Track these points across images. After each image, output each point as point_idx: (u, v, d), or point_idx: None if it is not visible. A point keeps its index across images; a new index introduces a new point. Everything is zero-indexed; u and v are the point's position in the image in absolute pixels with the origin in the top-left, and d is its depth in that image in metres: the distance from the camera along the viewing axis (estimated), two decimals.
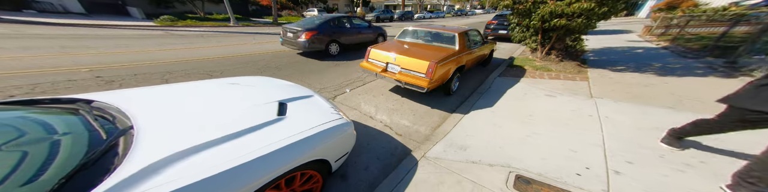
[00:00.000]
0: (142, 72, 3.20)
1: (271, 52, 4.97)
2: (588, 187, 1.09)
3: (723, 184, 1.03)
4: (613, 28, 8.08)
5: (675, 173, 1.15)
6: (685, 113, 1.75)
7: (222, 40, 6.48)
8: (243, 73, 3.34)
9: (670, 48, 4.23)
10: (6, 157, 0.55)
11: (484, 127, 1.71)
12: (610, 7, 2.48)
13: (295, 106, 1.14)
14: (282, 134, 0.87)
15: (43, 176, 0.54)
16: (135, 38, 5.97)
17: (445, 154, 1.41)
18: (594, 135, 1.53)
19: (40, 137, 0.65)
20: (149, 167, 0.62)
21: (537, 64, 3.46)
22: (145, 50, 4.60)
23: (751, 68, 2.56)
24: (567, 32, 3.16)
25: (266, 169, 0.74)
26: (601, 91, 2.34)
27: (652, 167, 1.20)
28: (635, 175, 1.15)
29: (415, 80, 1.99)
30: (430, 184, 1.17)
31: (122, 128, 0.77)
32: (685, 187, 1.06)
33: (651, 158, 1.27)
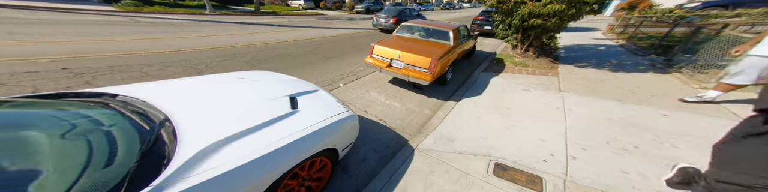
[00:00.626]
0: (116, 64, 2.71)
1: (258, 44, 4.43)
2: (551, 171, 1.26)
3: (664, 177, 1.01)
4: (582, 26, 8.43)
5: (615, 157, 1.36)
6: (633, 106, 2.00)
7: (199, 29, 5.56)
8: (231, 66, 2.99)
9: (626, 46, 4.60)
10: (75, 145, 0.60)
11: (470, 120, 1.80)
12: (578, 9, 2.61)
13: (304, 100, 1.19)
14: (299, 126, 0.94)
15: (116, 161, 0.60)
16: (96, 25, 4.91)
17: (436, 146, 1.49)
18: (559, 125, 1.71)
19: (92, 128, 0.69)
20: (199, 154, 0.68)
21: (516, 60, 3.57)
22: (113, 39, 3.85)
23: (680, 66, 2.93)
24: (543, 31, 3.25)
25: (291, 156, 0.84)
26: (568, 85, 2.54)
27: (600, 152, 1.40)
28: (587, 159, 1.35)
29: (419, 75, 2.12)
30: (423, 173, 1.25)
31: (159, 120, 0.81)
32: (620, 167, 1.27)
33: (600, 145, 1.47)
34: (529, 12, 2.83)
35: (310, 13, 14.49)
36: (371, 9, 15.95)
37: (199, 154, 0.68)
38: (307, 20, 10.00)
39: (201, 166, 0.65)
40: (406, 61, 2.16)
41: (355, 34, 6.40)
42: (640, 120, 1.74)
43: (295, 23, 8.46)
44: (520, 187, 1.15)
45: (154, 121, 0.79)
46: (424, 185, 1.16)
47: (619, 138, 1.53)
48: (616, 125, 1.68)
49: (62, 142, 0.59)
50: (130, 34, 4.29)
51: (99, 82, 2.20)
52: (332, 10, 18.81)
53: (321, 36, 5.86)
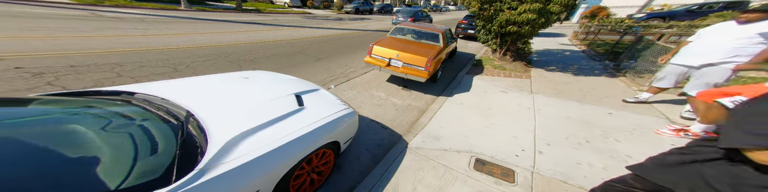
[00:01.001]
0: (82, 63, 2.43)
1: (243, 44, 4.17)
2: (522, 164, 1.42)
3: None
4: (553, 31, 9.10)
5: (571, 150, 1.57)
6: (589, 106, 2.28)
7: (176, 27, 5.04)
8: (214, 67, 2.81)
9: (586, 52, 5.10)
10: (119, 137, 0.68)
11: (454, 120, 1.93)
12: (547, 18, 2.88)
13: (308, 98, 1.28)
14: (306, 121, 1.03)
15: (159, 150, 0.68)
16: (53, 19, 4.27)
17: (424, 144, 1.59)
18: (529, 124, 1.91)
19: (128, 123, 0.75)
20: (227, 144, 0.76)
21: (496, 64, 3.81)
22: (77, 36, 3.39)
23: (625, 71, 3.36)
24: (519, 37, 3.50)
25: (303, 147, 0.93)
26: (538, 87, 2.80)
27: (560, 147, 1.61)
28: (551, 153, 1.54)
29: (417, 73, 2.32)
30: (412, 169, 1.35)
31: (184, 116, 0.87)
32: (575, 159, 1.48)
33: (561, 140, 1.68)
34: (506, 19, 3.03)
35: (297, 11, 13.72)
36: (361, 9, 15.53)
37: (227, 145, 0.76)
38: (294, 19, 9.49)
39: (230, 155, 0.74)
40: (404, 61, 2.35)
41: (346, 35, 6.28)
42: (592, 118, 2.00)
43: (282, 22, 8.01)
44: (496, 180, 1.29)
45: (179, 116, 0.86)
46: (414, 181, 1.26)
47: (575, 134, 1.75)
48: (574, 123, 1.92)
49: (107, 135, 0.66)
50: (94, 30, 3.83)
51: (63, 83, 1.97)
52: (320, 9, 18.03)
53: (310, 36, 5.66)
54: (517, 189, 1.23)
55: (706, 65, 1.79)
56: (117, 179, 0.54)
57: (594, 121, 1.94)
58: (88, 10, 5.98)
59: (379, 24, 9.84)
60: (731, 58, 1.69)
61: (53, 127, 0.64)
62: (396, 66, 2.41)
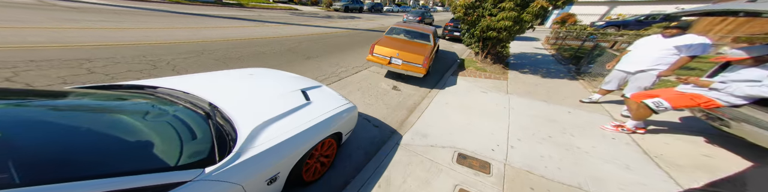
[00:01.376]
0: (44, 58, 2.14)
1: (229, 40, 3.89)
2: (497, 157, 1.60)
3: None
4: (529, 36, 9.70)
5: (536, 145, 1.80)
6: (553, 105, 2.57)
7: (151, 20, 4.53)
8: (197, 64, 2.63)
9: (555, 56, 5.59)
10: (159, 124, 0.77)
11: (440, 119, 2.07)
12: (521, 26, 3.12)
13: (313, 93, 1.38)
14: (315, 114, 1.14)
15: (198, 136, 0.77)
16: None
17: (413, 141, 1.71)
18: (504, 121, 2.11)
19: (162, 112, 0.85)
20: (253, 131, 0.87)
21: (478, 66, 4.04)
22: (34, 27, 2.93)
23: (583, 74, 3.79)
24: (498, 41, 3.74)
25: (313, 137, 1.04)
26: (513, 88, 3.06)
27: (528, 142, 1.82)
28: (521, 147, 1.74)
29: (415, 69, 2.64)
30: (402, 164, 1.45)
31: (209, 107, 0.95)
32: (539, 152, 1.69)
33: (528, 136, 1.91)
34: (487, 25, 3.23)
35: (283, 7, 12.86)
36: (350, 7, 14.96)
37: (253, 132, 0.87)
38: (280, 15, 8.90)
39: (256, 141, 0.85)
40: (403, 59, 2.64)
41: (336, 34, 6.11)
42: (555, 116, 2.28)
43: (267, 18, 7.49)
44: (475, 171, 1.45)
45: (204, 107, 0.94)
46: (404, 174, 1.37)
47: (541, 130, 1.99)
48: (540, 120, 2.17)
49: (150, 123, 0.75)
50: (56, 21, 3.33)
51: (25, 80, 1.74)
52: (307, 5, 17.12)
53: (298, 34, 5.42)
54: (492, 179, 1.40)
55: (639, 71, 2.11)
56: (173, 158, 0.65)
57: (556, 119, 2.20)
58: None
59: (370, 23, 9.66)
60: (656, 65, 2.01)
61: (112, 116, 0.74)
62: (396, 64, 2.69)
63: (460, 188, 1.29)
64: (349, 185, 1.24)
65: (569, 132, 1.99)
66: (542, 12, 3.03)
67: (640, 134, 1.96)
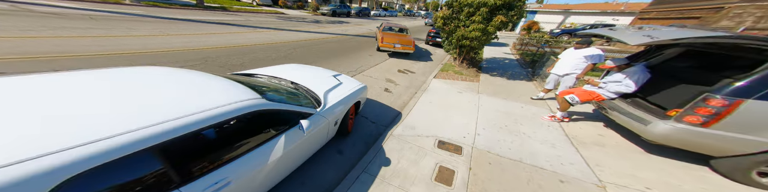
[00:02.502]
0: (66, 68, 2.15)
1: (225, 47, 4.02)
2: (466, 143, 2.10)
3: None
4: (501, 41, 10.75)
5: (496, 132, 2.34)
6: (511, 102, 3.19)
7: (137, 27, 4.38)
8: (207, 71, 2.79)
9: (519, 60, 6.46)
10: (291, 92, 1.50)
11: (425, 114, 2.54)
12: (487, 36, 3.76)
13: (340, 78, 2.15)
14: (346, 89, 1.87)
15: (313, 97, 1.59)
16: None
17: (403, 132, 2.14)
18: (474, 115, 2.65)
19: (284, 86, 1.60)
20: (324, 94, 1.66)
21: (456, 69, 4.63)
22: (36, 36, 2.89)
23: (536, 77, 4.57)
24: (471, 48, 4.37)
25: (349, 101, 1.77)
26: (483, 89, 3.66)
27: (490, 130, 2.36)
28: (484, 134, 2.27)
29: (409, 49, 5.11)
30: (396, 150, 1.88)
31: (291, 83, 1.78)
32: (497, 138, 2.23)
33: (491, 126, 2.45)
34: (461, 34, 3.81)
35: (268, 11, 12.63)
36: (338, 12, 15.07)
37: (324, 95, 1.64)
38: (268, 20, 8.85)
39: (328, 100, 1.61)
40: (402, 43, 5.04)
41: (327, 40, 6.37)
42: (511, 110, 2.88)
43: (256, 23, 7.45)
44: (451, 153, 1.93)
45: (291, 84, 1.76)
46: (398, 156, 1.80)
47: (500, 121, 2.56)
48: (500, 114, 2.75)
49: (291, 89, 1.54)
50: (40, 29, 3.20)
51: None
52: (293, 9, 16.81)
53: (291, 40, 5.61)
54: (463, 158, 1.88)
55: (565, 75, 2.80)
56: (309, 104, 1.41)
57: (511, 112, 2.80)
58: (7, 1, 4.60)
59: (358, 28, 9.95)
60: (575, 70, 2.71)
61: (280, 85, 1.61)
62: (398, 47, 5.07)
63: (440, 165, 1.75)
64: (356, 165, 1.64)
65: (519, 122, 2.58)
66: (502, 25, 3.67)
67: (565, 122, 2.61)
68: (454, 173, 1.66)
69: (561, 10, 16.85)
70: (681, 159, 1.99)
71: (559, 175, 1.73)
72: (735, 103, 1.49)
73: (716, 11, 6.66)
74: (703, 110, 1.58)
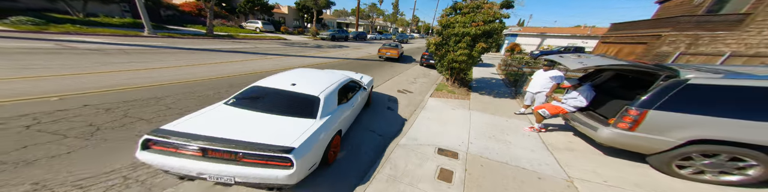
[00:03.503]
0: (127, 99, 3.08)
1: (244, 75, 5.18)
2: (461, 149, 2.82)
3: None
4: (488, 62, 12.94)
5: (485, 141, 3.11)
6: (497, 116, 4.10)
7: (166, 58, 5.60)
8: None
9: (504, 80, 7.93)
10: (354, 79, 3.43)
11: (425, 128, 3.35)
12: (473, 60, 5.13)
13: (360, 75, 4.21)
14: (366, 80, 4.03)
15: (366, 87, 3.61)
16: (31, 54, 4.50)
17: (407, 142, 2.88)
18: (466, 128, 3.47)
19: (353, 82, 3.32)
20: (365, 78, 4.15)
21: (449, 89, 5.80)
22: (91, 72, 3.88)
23: (518, 95, 5.73)
24: (460, 70, 5.73)
25: (369, 85, 3.95)
26: (473, 106, 4.65)
27: (480, 139, 3.13)
28: (476, 143, 3.02)
29: (393, 55, 10.08)
30: (402, 156, 2.57)
31: (362, 83, 3.67)
32: (486, 145, 2.99)
33: (481, 136, 3.23)
34: (451, 58, 5.17)
35: (272, 37, 15.03)
36: (337, 36, 17.86)
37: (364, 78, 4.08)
38: (274, 46, 10.68)
39: (364, 79, 4.00)
40: (390, 53, 9.97)
41: (331, 64, 7.90)
42: (498, 123, 3.74)
43: (264, 50, 9.07)
44: (449, 158, 2.62)
45: (361, 84, 3.56)
46: (405, 161, 2.48)
47: (489, 132, 3.37)
48: (489, 126, 3.59)
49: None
50: (94, 66, 4.27)
51: (135, 115, 2.69)
52: (294, 34, 19.92)
53: (299, 65, 6.99)
54: (459, 161, 2.57)
55: (537, 92, 3.90)
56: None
57: (498, 125, 3.66)
58: (51, 40, 5.93)
59: (358, 52, 12.06)
60: (544, 89, 3.82)
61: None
62: (388, 54, 10.00)
63: (441, 167, 2.43)
64: (371, 168, 2.30)
65: (505, 132, 3.40)
66: (484, 50, 5.09)
67: (543, 132, 3.45)
68: (453, 173, 2.32)
69: (538, 33, 20.76)
70: (630, 159, 2.73)
71: (537, 173, 2.41)
72: (644, 112, 2.37)
73: (657, 38, 8.72)
74: (627, 118, 2.48)
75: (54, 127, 2.24)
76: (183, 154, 1.44)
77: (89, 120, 2.44)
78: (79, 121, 2.39)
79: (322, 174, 2.01)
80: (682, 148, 2.31)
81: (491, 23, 4.48)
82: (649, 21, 9.48)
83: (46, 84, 3.16)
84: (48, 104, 2.62)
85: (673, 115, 2.23)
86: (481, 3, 4.68)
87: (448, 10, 5.05)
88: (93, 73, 3.85)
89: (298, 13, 25.11)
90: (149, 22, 9.13)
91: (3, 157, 1.81)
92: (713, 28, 7.53)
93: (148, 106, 2.97)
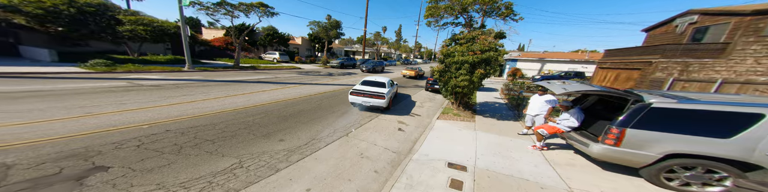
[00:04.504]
0: (200, 124, 4.24)
1: (276, 102, 6.54)
2: (469, 163, 3.46)
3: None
4: (491, 87, 14.56)
5: (491, 157, 3.75)
6: (502, 136, 4.83)
7: (209, 91, 7.17)
8: (271, 121, 4.99)
9: (507, 104, 9.00)
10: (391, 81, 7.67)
11: (435, 146, 4.09)
12: (474, 85, 6.36)
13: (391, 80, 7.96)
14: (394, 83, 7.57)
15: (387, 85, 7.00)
16: (115, 92, 6.05)
17: (420, 158, 3.58)
18: (473, 146, 4.17)
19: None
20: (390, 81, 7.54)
21: (454, 112, 6.79)
22: (167, 104, 5.28)
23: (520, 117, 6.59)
24: (463, 95, 6.94)
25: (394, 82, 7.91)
26: (479, 127, 5.47)
27: (487, 155, 3.78)
28: (482, 158, 3.66)
29: (412, 74, 16.27)
30: (415, 169, 3.23)
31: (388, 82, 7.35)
32: (492, 160, 3.62)
33: (486, 152, 3.89)
34: (454, 84, 6.46)
35: (287, 66, 18.00)
36: (345, 64, 20.75)
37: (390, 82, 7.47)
38: (292, 76, 12.91)
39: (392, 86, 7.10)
40: (411, 73, 16.25)
41: (344, 90, 9.42)
42: (502, 142, 4.44)
43: (284, 79, 11.09)
44: (458, 170, 3.25)
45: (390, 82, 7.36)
46: (420, 173, 3.13)
47: (494, 150, 4.04)
48: (494, 145, 4.28)
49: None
50: (161, 99, 5.70)
51: (202, 137, 3.71)
52: (306, 63, 23.46)
53: (316, 92, 8.50)
54: (468, 174, 3.18)
55: (536, 115, 4.84)
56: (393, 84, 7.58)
57: (503, 144, 4.36)
58: (122, 79, 7.93)
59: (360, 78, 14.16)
60: (541, 111, 4.78)
61: None
62: (409, 73, 16.23)
63: (451, 178, 3.05)
64: (389, 179, 2.96)
65: (509, 150, 4.06)
66: (483, 76, 6.38)
67: (545, 150, 4.09)
68: (463, 183, 2.93)
69: (537, 58, 23.46)
70: (627, 173, 3.27)
71: (540, 184, 2.96)
72: (623, 130, 3.11)
73: (649, 64, 9.77)
74: (611, 135, 3.24)
75: (154, 146, 3.24)
76: (358, 96, 6.04)
77: (173, 141, 3.45)
78: (167, 142, 3.39)
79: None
80: (663, 161, 2.94)
81: (487, 52, 5.65)
82: (640, 48, 10.53)
83: (137, 115, 4.42)
84: (142, 130, 3.73)
85: (647, 132, 2.89)
86: (477, 34, 6.11)
87: (447, 41, 6.63)
88: (161, 105, 5.20)
89: (310, 43, 29.84)
90: (191, 58, 11.89)
91: (133, 166, 2.73)
92: (700, 55, 8.32)
93: (208, 130, 4.03)
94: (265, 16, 13.69)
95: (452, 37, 6.62)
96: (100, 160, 2.77)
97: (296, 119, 5.09)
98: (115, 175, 2.52)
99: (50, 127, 3.54)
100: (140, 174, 2.58)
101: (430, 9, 7.39)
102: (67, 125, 3.68)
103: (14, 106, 4.36)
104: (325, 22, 22.44)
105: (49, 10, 9.39)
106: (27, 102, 4.67)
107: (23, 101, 4.71)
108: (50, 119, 3.86)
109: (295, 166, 3.12)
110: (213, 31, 25.70)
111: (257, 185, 2.61)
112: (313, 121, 5.05)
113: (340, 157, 3.48)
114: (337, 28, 22.72)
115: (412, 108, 7.37)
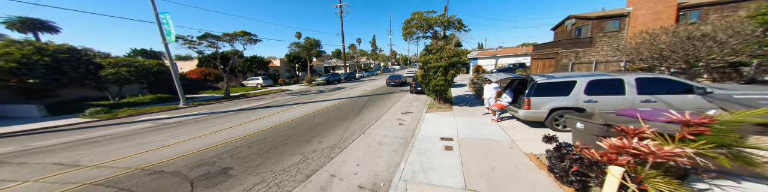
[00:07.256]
0: (231, 147, 5.88)
1: (286, 123, 7.96)
2: (454, 136, 5.15)
3: None
4: (461, 83, 16.88)
5: (467, 130, 5.49)
6: (472, 117, 6.68)
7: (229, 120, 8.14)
8: (292, 139, 6.34)
9: (474, 95, 11.15)
10: None
11: (430, 129, 5.76)
12: (448, 84, 8.35)
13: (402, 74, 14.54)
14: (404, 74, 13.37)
15: None
16: (151, 131, 6.85)
17: (420, 138, 5.22)
18: (454, 126, 5.90)
19: None
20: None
21: (437, 106, 8.62)
22: (203, 135, 6.60)
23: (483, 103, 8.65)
24: (442, 91, 8.86)
25: None
26: (456, 114, 7.28)
27: (465, 130, 5.52)
28: (463, 132, 5.37)
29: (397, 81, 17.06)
30: (420, 144, 4.87)
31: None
32: (469, 132, 5.35)
33: (464, 128, 5.64)
34: (434, 84, 8.37)
35: (275, 90, 17.38)
36: (331, 80, 21.42)
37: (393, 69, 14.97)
38: (288, 98, 13.70)
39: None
40: (394, 82, 17.02)
41: (344, 103, 10.96)
42: (473, 120, 6.26)
43: (283, 102, 12.02)
44: (447, 141, 4.92)
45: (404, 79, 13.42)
46: (423, 145, 4.77)
47: (468, 125, 5.82)
48: (468, 123, 6.07)
49: None
50: (197, 131, 6.75)
51: (263, 147, 5.11)
52: (291, 84, 22.79)
53: (320, 108, 9.87)
54: (454, 142, 4.87)
55: (489, 98, 6.81)
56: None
57: (473, 121, 6.19)
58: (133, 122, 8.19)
59: (356, 91, 15.60)
60: (491, 95, 6.78)
61: None
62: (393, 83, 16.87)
63: (444, 145, 4.72)
64: (405, 152, 4.56)
65: (478, 124, 5.89)
66: (453, 76, 8.35)
67: (500, 121, 5.99)
68: (452, 147, 4.60)
69: (491, 55, 27.55)
70: (541, 127, 5.19)
71: (497, 140, 4.73)
72: (529, 99, 5.27)
73: (557, 54, 14.35)
74: (525, 103, 5.29)
75: (241, 155, 4.61)
76: None
77: (249, 151, 4.81)
78: (246, 152, 4.76)
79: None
80: (551, 114, 4.96)
81: (454, 57, 7.82)
82: (550, 43, 15.67)
83: (201, 141, 5.66)
84: (218, 149, 5.04)
85: (539, 98, 5.05)
86: (443, 45, 8.53)
87: (423, 52, 8.87)
88: (208, 134, 6.37)
89: (289, 63, 28.01)
90: (183, 95, 11.73)
91: (245, 165, 4.15)
92: (582, 46, 13.42)
93: (264, 143, 5.38)
94: (248, 43, 13.96)
95: (426, 47, 8.87)
96: (222, 164, 4.12)
97: (320, 129, 6.56)
98: (241, 169, 3.89)
99: (157, 154, 4.79)
100: (254, 168, 3.96)
101: (406, 29, 9.49)
102: (165, 151, 4.94)
103: (104, 147, 5.40)
104: (306, 42, 22.14)
105: (21, 62, 8.24)
106: (103, 144, 5.69)
107: (106, 143, 5.74)
108: (146, 150, 5.03)
109: (341, 154, 4.58)
110: (181, 63, 23.32)
111: (327, 166, 4.06)
112: (333, 128, 6.54)
113: (366, 146, 5.00)
114: (317, 46, 22.88)
115: (404, 108, 9.10)
